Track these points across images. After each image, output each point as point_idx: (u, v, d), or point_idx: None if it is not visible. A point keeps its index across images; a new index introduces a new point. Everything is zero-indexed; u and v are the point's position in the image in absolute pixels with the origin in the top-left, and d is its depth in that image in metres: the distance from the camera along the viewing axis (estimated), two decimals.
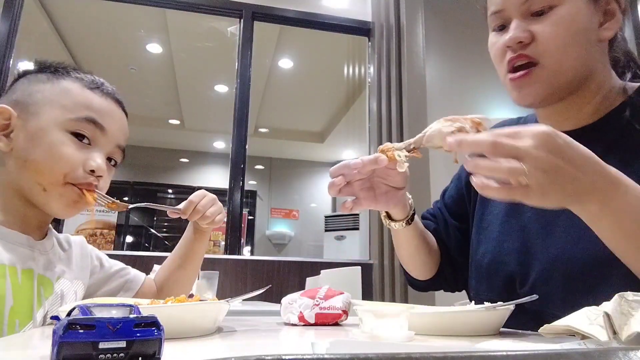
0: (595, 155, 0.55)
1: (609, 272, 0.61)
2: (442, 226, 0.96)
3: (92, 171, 0.75)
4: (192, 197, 0.90)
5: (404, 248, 0.90)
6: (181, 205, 0.89)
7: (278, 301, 0.82)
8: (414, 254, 0.90)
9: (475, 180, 0.55)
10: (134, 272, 0.99)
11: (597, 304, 0.43)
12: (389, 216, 0.85)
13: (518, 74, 0.72)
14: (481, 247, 0.86)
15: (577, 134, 0.76)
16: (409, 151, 0.68)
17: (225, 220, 2.80)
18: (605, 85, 0.74)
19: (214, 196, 0.94)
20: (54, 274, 0.79)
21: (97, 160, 0.76)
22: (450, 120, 0.61)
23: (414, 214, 0.85)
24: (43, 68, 0.80)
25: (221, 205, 0.95)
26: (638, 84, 0.75)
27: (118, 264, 0.98)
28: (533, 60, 0.71)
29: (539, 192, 0.52)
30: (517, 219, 0.79)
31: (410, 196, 0.85)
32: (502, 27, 0.75)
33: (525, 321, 0.68)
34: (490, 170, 0.53)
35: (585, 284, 0.66)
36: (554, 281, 0.70)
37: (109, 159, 0.81)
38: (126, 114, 0.85)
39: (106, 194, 0.80)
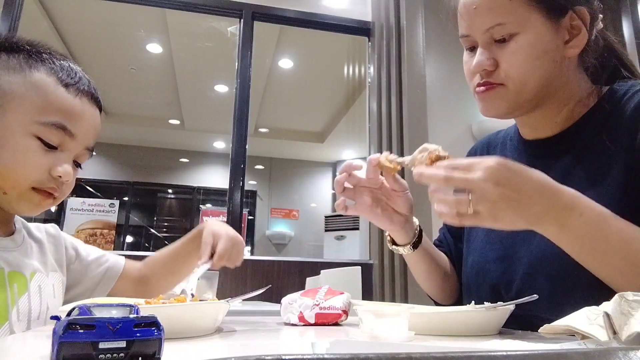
0: (549, 181, 0.59)
1: (586, 272, 0.63)
2: (451, 250, 0.98)
3: (59, 176, 0.71)
4: (222, 249, 0.85)
5: (416, 272, 0.93)
6: (206, 256, 0.85)
7: (278, 301, 0.82)
8: (427, 278, 0.92)
9: (434, 208, 0.62)
10: (113, 258, 0.94)
11: (578, 302, 0.44)
12: (393, 241, 0.88)
13: (482, 88, 0.75)
14: (469, 259, 0.88)
15: (551, 141, 0.78)
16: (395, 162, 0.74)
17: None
18: (575, 94, 0.76)
19: (238, 239, 0.89)
20: (27, 270, 0.75)
21: (65, 166, 0.71)
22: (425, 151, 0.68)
23: (418, 241, 0.86)
24: (14, 49, 0.72)
25: (242, 246, 0.90)
26: (609, 86, 0.76)
27: (95, 251, 0.94)
28: (498, 83, 0.73)
29: (490, 218, 0.58)
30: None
31: (417, 223, 0.87)
32: (472, 48, 0.77)
33: (513, 326, 0.68)
34: (440, 201, 0.61)
35: (565, 283, 0.68)
36: (538, 284, 0.71)
37: (74, 161, 0.77)
38: (101, 108, 0.80)
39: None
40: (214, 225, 0.90)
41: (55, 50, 0.76)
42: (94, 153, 0.80)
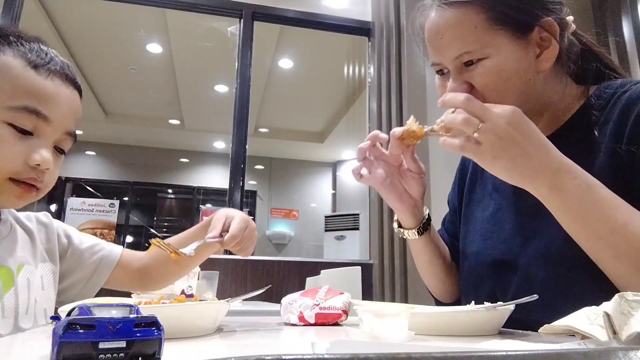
0: (552, 146, 0.61)
1: (578, 275, 0.64)
2: (450, 248, 0.98)
3: (38, 165, 0.66)
4: (235, 229, 0.79)
5: (419, 262, 0.93)
6: (216, 231, 0.79)
7: (278, 301, 0.82)
8: (429, 269, 0.92)
9: (440, 140, 0.65)
10: (108, 247, 0.90)
11: (574, 305, 0.44)
12: (399, 224, 0.88)
13: None
14: (465, 264, 0.88)
15: None
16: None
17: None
18: (556, 102, 0.76)
19: (251, 224, 0.84)
20: (15, 262, 0.72)
21: (42, 153, 0.66)
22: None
23: (425, 225, 0.86)
24: None
25: (254, 233, 0.86)
26: (596, 85, 0.77)
27: (90, 239, 0.90)
28: None
29: (490, 154, 0.60)
30: (497, 233, 0.81)
31: (427, 211, 0.87)
32: (443, 72, 0.77)
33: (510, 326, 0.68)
34: (450, 120, 0.63)
35: (560, 286, 0.68)
36: (534, 288, 0.71)
37: (56, 148, 0.72)
38: (80, 92, 0.75)
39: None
40: (227, 209, 0.85)
41: (25, 33, 0.71)
42: (76, 139, 0.75)
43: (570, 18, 0.75)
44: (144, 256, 0.94)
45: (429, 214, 0.87)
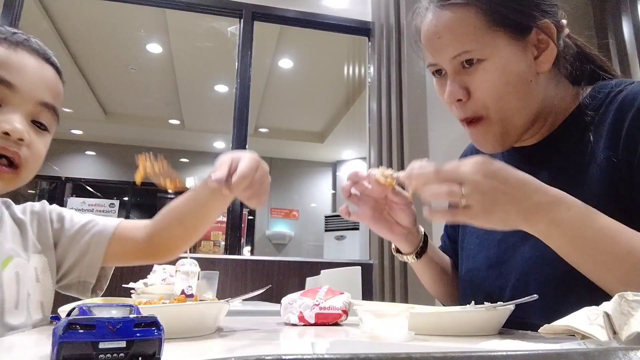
0: (533, 179, 0.59)
1: (575, 275, 0.63)
2: (453, 255, 0.98)
3: (6, 134, 0.63)
4: (245, 168, 0.68)
5: (422, 279, 0.93)
6: (222, 172, 0.67)
7: (278, 301, 0.82)
8: (433, 285, 0.93)
9: (424, 212, 0.62)
10: (102, 222, 0.86)
11: (571, 307, 0.44)
12: (397, 249, 0.88)
13: (469, 125, 0.74)
14: (463, 266, 0.88)
15: (536, 148, 0.78)
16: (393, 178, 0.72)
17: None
18: (557, 103, 0.76)
19: (267, 168, 0.76)
20: (2, 255, 0.70)
21: (12, 121, 0.63)
22: None
23: (422, 250, 0.86)
24: None
25: (267, 173, 0.76)
26: (590, 86, 0.76)
27: (83, 218, 0.86)
28: (478, 116, 0.73)
29: (482, 213, 0.58)
30: (493, 234, 0.81)
31: (423, 231, 0.87)
32: (440, 73, 0.76)
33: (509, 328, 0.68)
34: (433, 193, 0.60)
35: (557, 288, 0.67)
36: (530, 289, 0.71)
37: (35, 123, 0.69)
38: (55, 67, 0.73)
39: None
40: (233, 152, 0.74)
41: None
42: (58, 115, 0.72)
43: (564, 22, 0.75)
44: (147, 224, 0.87)
45: (424, 235, 0.87)
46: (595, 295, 0.52)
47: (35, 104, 0.68)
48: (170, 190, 0.64)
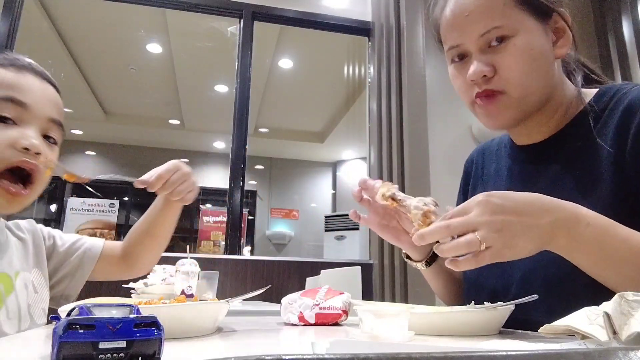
0: (539, 197, 0.58)
1: (581, 276, 0.62)
2: None
3: (26, 149, 0.69)
4: (162, 169, 0.84)
5: (432, 285, 0.93)
6: (147, 176, 0.82)
7: (278, 301, 0.82)
8: (443, 292, 0.93)
9: (447, 264, 0.61)
10: (90, 241, 0.96)
11: (575, 306, 0.44)
12: (407, 256, 0.89)
13: (484, 98, 0.73)
14: None
15: (542, 146, 0.78)
16: (394, 200, 0.71)
17: (196, 197, 2.80)
18: (565, 98, 0.77)
19: (188, 170, 0.88)
20: (13, 269, 0.77)
21: (29, 137, 0.69)
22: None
23: (432, 258, 0.86)
24: None
25: (195, 181, 0.90)
26: (592, 89, 0.77)
27: (72, 237, 0.95)
28: (499, 91, 0.72)
29: (505, 249, 0.57)
30: None
31: None
32: (462, 58, 0.75)
33: (511, 328, 0.68)
34: (453, 250, 0.58)
35: (561, 287, 0.68)
36: (534, 288, 0.71)
37: (47, 138, 0.75)
38: (54, 86, 0.79)
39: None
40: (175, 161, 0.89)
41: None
42: (64, 128, 0.78)
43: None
44: (122, 243, 1.00)
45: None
46: (600, 295, 0.51)
47: (45, 120, 0.74)
48: (70, 181, 0.75)
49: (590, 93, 0.77)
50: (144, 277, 1.42)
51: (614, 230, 0.58)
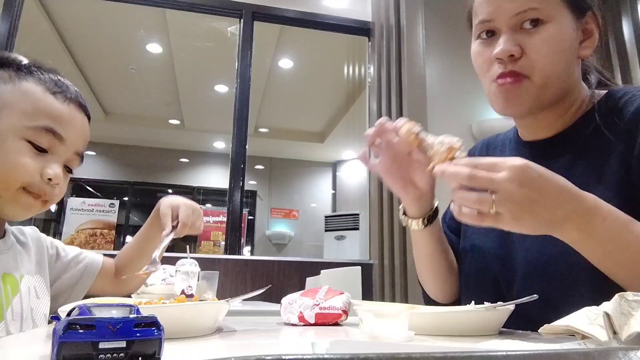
0: (571, 186, 0.57)
1: (584, 273, 0.62)
2: (453, 246, 0.95)
3: (50, 179, 0.74)
4: (184, 218, 0.91)
5: (420, 254, 0.89)
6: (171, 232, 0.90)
7: (278, 301, 0.82)
8: (429, 263, 0.88)
9: (452, 207, 0.61)
10: (90, 256, 0.99)
11: (577, 303, 0.44)
12: (405, 212, 0.85)
13: (508, 79, 0.72)
14: (467, 256, 0.87)
15: (549, 142, 0.78)
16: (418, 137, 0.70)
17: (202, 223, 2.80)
18: (579, 99, 0.77)
19: (196, 206, 0.95)
20: (18, 272, 0.79)
21: (55, 169, 0.74)
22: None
23: (431, 217, 0.83)
24: (4, 64, 0.77)
25: (201, 212, 0.97)
26: (603, 90, 0.77)
27: (74, 250, 0.98)
28: (523, 74, 0.71)
29: (512, 220, 0.56)
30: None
31: (437, 202, 0.84)
32: (490, 35, 0.74)
33: (512, 326, 0.68)
34: (462, 200, 0.58)
35: (563, 283, 0.67)
36: (535, 283, 0.71)
37: (65, 167, 0.79)
38: (89, 117, 0.84)
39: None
40: (169, 198, 0.95)
41: (43, 64, 0.80)
42: (83, 160, 0.83)
43: None
44: (114, 261, 1.03)
45: (437, 206, 0.84)
46: (603, 292, 0.51)
47: (73, 153, 0.78)
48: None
49: (599, 94, 0.77)
50: None
51: (629, 226, 0.58)
